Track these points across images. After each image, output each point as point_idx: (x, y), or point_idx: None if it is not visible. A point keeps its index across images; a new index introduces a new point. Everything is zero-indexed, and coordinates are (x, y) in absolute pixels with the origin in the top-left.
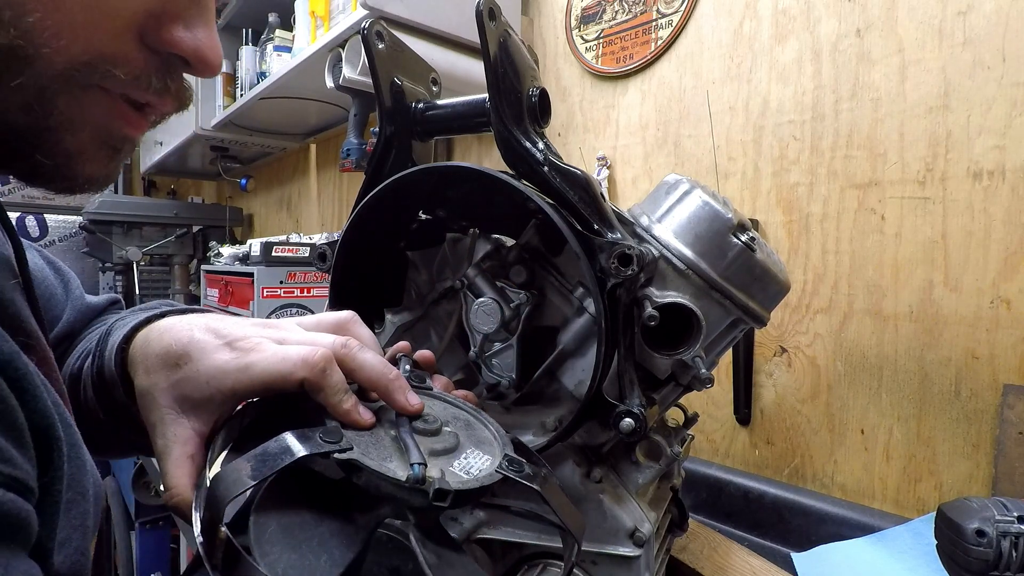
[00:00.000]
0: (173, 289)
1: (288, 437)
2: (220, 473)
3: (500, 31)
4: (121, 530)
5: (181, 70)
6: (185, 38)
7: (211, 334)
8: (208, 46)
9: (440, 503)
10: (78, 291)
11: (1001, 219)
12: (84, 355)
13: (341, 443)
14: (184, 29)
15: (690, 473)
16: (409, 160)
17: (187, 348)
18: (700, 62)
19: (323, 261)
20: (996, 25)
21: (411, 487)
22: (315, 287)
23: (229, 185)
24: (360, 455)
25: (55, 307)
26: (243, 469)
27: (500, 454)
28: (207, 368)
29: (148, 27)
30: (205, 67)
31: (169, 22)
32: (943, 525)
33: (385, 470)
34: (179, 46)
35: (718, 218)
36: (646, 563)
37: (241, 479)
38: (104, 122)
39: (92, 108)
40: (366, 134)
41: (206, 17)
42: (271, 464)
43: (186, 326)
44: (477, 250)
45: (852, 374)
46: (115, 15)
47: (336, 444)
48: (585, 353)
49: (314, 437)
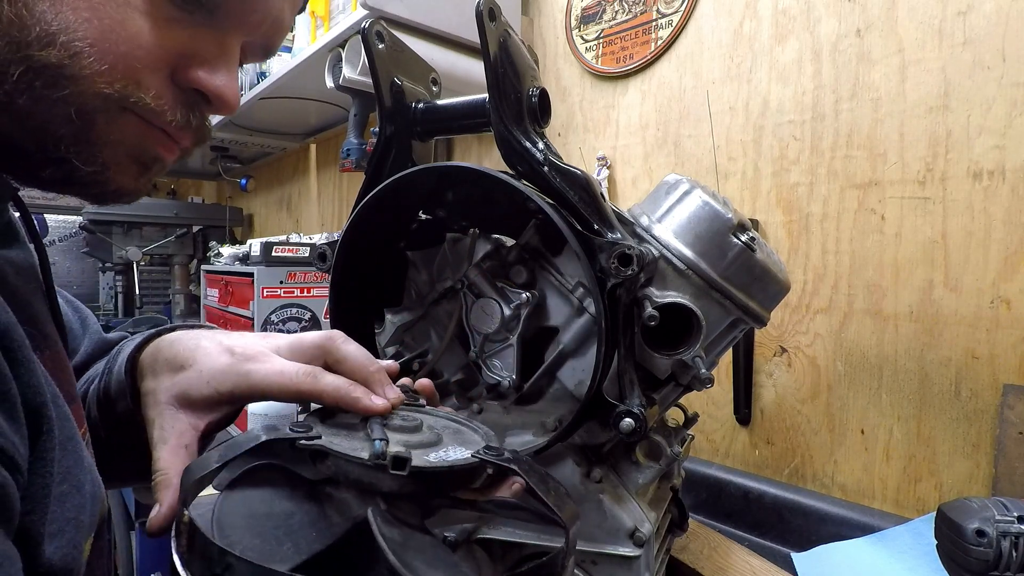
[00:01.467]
0: (173, 289)
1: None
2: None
3: (500, 31)
4: (121, 530)
5: (203, 107)
6: (208, 79)
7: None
8: (228, 88)
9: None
10: (95, 326)
11: (1001, 219)
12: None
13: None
14: (208, 71)
15: (690, 473)
16: (409, 160)
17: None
18: (700, 62)
19: (323, 261)
20: (996, 25)
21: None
22: (315, 287)
23: (229, 185)
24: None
25: (73, 340)
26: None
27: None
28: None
29: (178, 66)
30: (224, 106)
31: (196, 64)
32: (943, 525)
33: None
34: (203, 85)
35: (718, 218)
36: (646, 563)
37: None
38: (137, 141)
39: (127, 128)
40: (366, 134)
41: (229, 64)
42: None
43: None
44: (477, 250)
45: (852, 374)
46: (152, 51)
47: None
48: (585, 353)
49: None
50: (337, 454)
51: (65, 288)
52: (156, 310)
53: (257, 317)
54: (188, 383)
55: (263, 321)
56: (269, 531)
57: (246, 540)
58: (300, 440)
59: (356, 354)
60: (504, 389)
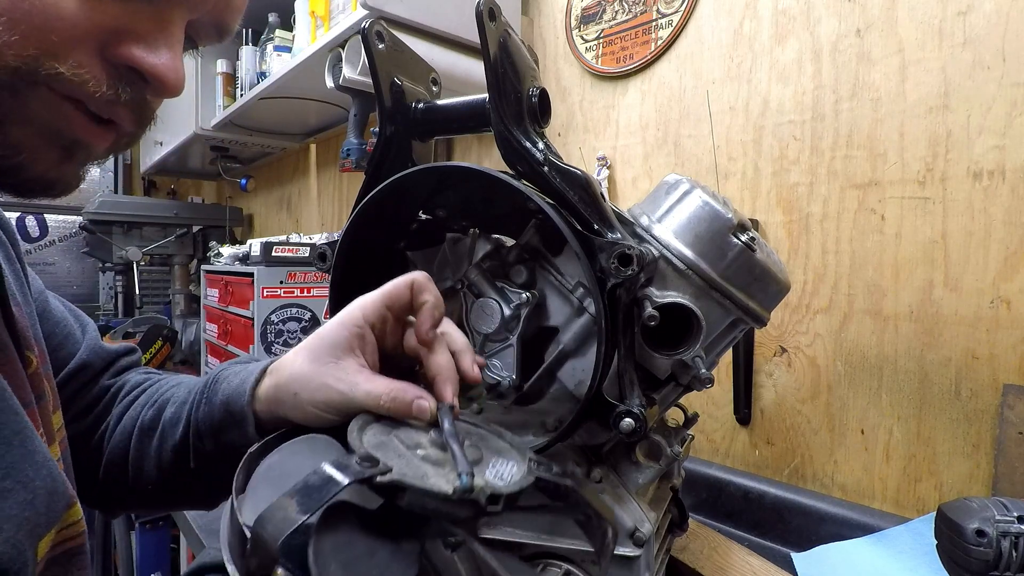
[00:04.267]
0: (173, 289)
1: (327, 467)
2: (264, 514)
3: (500, 31)
4: (121, 530)
5: (139, 86)
6: (144, 56)
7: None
8: (168, 67)
9: (494, 507)
10: (94, 334)
11: (1001, 219)
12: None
13: (379, 467)
14: (145, 49)
15: (690, 473)
16: (409, 160)
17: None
18: (700, 62)
19: (323, 261)
20: (996, 25)
21: (459, 499)
22: (315, 287)
23: (229, 185)
24: (400, 475)
25: (73, 344)
26: (288, 506)
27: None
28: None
29: (108, 42)
30: (163, 86)
31: (130, 40)
32: (943, 525)
33: (430, 486)
34: (138, 63)
35: (718, 218)
36: (646, 563)
37: (289, 516)
38: (50, 120)
39: (37, 104)
40: (366, 134)
41: (170, 41)
42: (318, 496)
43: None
44: (477, 250)
45: (852, 374)
46: (76, 23)
47: (375, 468)
48: (585, 353)
49: (351, 464)
50: (420, 491)
51: (65, 288)
52: (156, 310)
53: (257, 317)
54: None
55: (263, 321)
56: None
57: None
58: (376, 478)
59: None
60: (504, 389)
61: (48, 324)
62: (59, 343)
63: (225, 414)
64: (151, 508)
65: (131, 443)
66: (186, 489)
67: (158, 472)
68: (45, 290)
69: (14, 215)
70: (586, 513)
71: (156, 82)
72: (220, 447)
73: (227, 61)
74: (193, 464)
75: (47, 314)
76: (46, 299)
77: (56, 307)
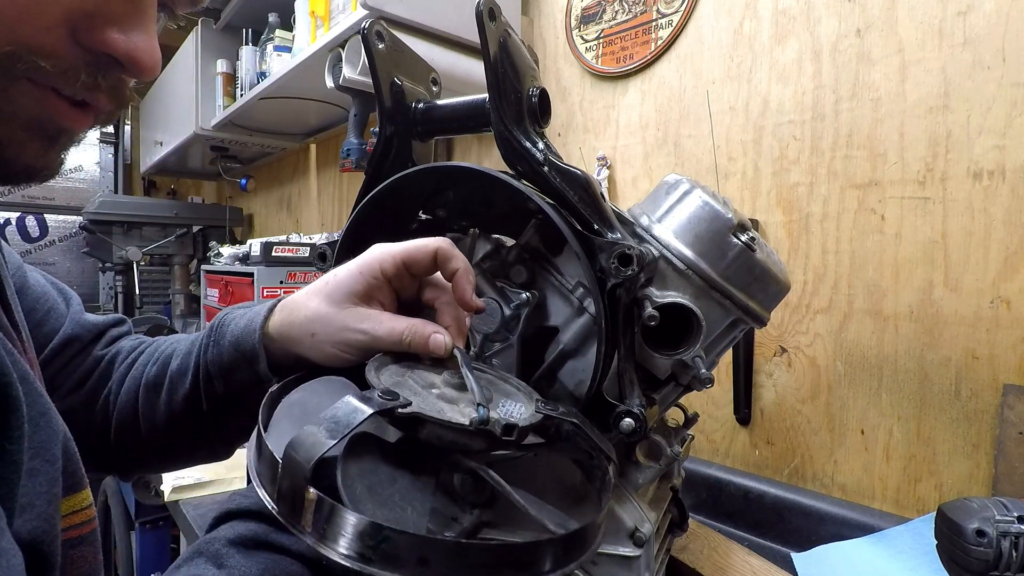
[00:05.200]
0: (173, 289)
1: (351, 399)
2: (295, 439)
3: (500, 31)
4: (121, 530)
5: (116, 70)
6: (119, 40)
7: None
8: (143, 49)
9: (509, 438)
10: (78, 307)
11: (1001, 219)
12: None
13: (400, 399)
14: (118, 31)
15: (690, 473)
16: (409, 160)
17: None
18: (700, 62)
19: (323, 261)
20: (996, 25)
21: (475, 430)
22: None
23: (229, 185)
24: (419, 408)
25: (57, 318)
26: (317, 433)
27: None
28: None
29: (80, 26)
30: (139, 69)
31: (103, 24)
32: (943, 525)
33: (448, 418)
34: (111, 47)
35: (718, 218)
36: (646, 563)
37: (319, 441)
38: (35, 112)
39: (20, 98)
40: (366, 134)
41: (144, 21)
42: (344, 424)
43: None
44: (477, 250)
45: (852, 374)
46: (44, 12)
47: (396, 401)
48: (585, 353)
49: (374, 397)
50: (438, 422)
51: None
52: (156, 310)
53: None
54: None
55: None
56: (388, 500)
57: (380, 513)
58: (398, 410)
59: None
60: None
61: (28, 300)
62: (40, 319)
63: (236, 354)
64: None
65: (138, 401)
66: (201, 437)
67: (170, 423)
68: (23, 265)
69: (14, 215)
70: (588, 449)
71: (132, 65)
72: (231, 388)
73: (227, 61)
74: (206, 407)
75: (26, 290)
76: (24, 275)
77: (36, 281)
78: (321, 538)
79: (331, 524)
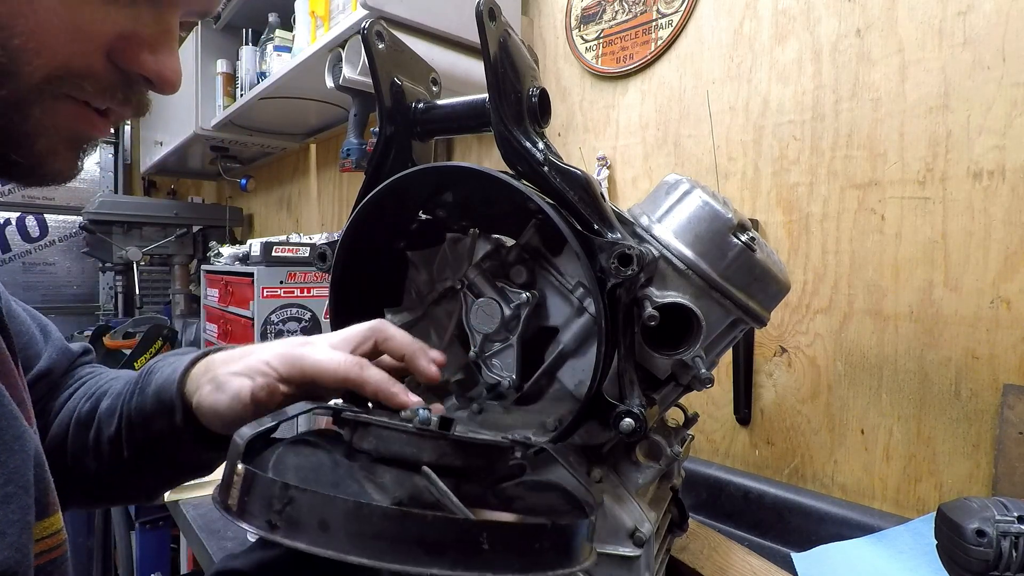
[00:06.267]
0: (173, 289)
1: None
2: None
3: (500, 31)
4: (121, 530)
5: (144, 87)
6: (150, 61)
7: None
8: (170, 69)
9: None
10: (57, 334)
11: (1001, 219)
12: (95, 397)
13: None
14: (149, 53)
15: (690, 473)
16: (409, 160)
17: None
18: (700, 62)
19: (323, 261)
20: (996, 25)
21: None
22: (315, 287)
23: (229, 185)
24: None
25: (33, 346)
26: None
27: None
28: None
29: (117, 48)
30: (166, 86)
31: (137, 46)
32: (943, 525)
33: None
34: (144, 68)
35: (718, 218)
36: (646, 563)
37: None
38: (73, 126)
39: (62, 115)
40: (366, 134)
41: (170, 42)
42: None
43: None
44: (477, 250)
45: (852, 374)
46: (89, 38)
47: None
48: (585, 353)
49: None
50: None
51: (65, 288)
52: (156, 310)
53: (257, 317)
54: (248, 365)
55: (263, 321)
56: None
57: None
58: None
59: (403, 334)
60: (504, 389)
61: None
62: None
63: (156, 403)
64: (93, 502)
65: (68, 437)
66: (124, 482)
67: (97, 464)
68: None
69: (14, 215)
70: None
71: (160, 84)
72: (150, 437)
73: (227, 61)
74: (126, 453)
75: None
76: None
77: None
78: (241, 513)
79: (250, 495)
